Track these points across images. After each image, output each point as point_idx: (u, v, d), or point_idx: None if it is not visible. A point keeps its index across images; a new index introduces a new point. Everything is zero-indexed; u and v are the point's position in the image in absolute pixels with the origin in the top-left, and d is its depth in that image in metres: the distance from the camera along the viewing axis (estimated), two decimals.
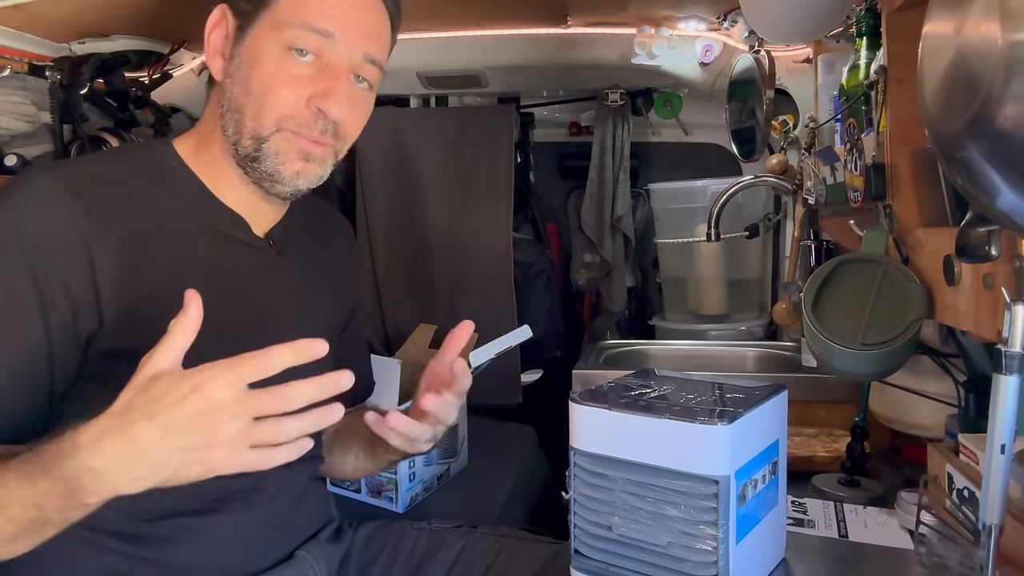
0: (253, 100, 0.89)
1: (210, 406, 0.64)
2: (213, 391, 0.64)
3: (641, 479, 0.80)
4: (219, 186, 0.95)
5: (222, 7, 0.92)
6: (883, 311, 1.02)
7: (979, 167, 0.62)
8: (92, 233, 0.82)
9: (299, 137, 0.89)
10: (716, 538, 0.76)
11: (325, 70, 0.89)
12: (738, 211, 2.11)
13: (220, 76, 0.92)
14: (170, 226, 0.89)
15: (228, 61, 0.91)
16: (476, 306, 2.29)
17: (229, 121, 0.91)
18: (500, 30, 1.93)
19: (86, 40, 1.57)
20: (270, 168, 0.90)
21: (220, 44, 0.92)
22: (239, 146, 0.91)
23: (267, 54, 0.88)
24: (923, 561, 0.91)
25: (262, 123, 0.89)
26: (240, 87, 0.89)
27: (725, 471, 0.76)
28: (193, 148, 0.95)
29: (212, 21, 0.92)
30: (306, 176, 0.92)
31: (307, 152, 0.90)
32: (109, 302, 0.83)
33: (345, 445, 1.16)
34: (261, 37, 0.89)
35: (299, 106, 0.88)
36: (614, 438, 0.81)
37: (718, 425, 0.76)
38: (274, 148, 0.89)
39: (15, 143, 1.50)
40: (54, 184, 0.83)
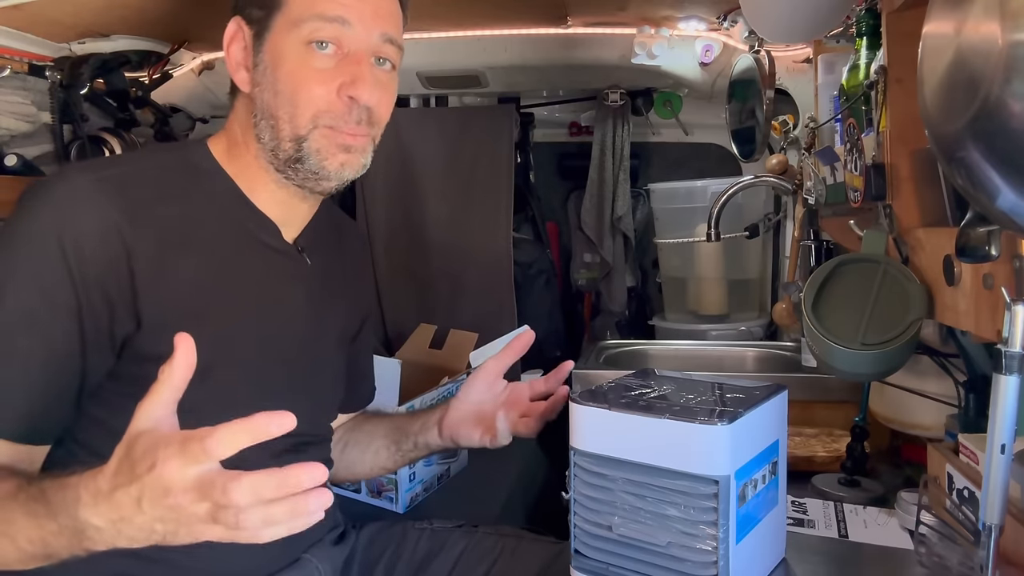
0: (285, 101, 0.89)
1: (169, 487, 0.60)
2: (169, 472, 0.60)
3: (641, 479, 0.80)
4: (254, 189, 0.94)
5: (236, 20, 0.92)
6: (883, 311, 1.02)
7: (979, 167, 0.62)
8: (131, 237, 0.82)
9: (336, 132, 0.89)
10: (716, 538, 0.76)
11: (347, 58, 0.89)
12: (738, 211, 2.11)
13: (247, 87, 0.92)
14: (205, 231, 0.89)
15: (252, 71, 0.91)
16: (476, 306, 2.29)
17: (264, 129, 0.90)
18: (500, 30, 1.92)
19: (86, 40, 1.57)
20: (314, 166, 0.90)
21: (241, 56, 0.92)
22: (279, 151, 0.90)
23: (288, 52, 0.88)
24: (923, 561, 0.91)
25: (299, 122, 0.89)
26: (269, 92, 0.89)
27: (725, 471, 0.76)
28: (226, 151, 0.95)
29: (228, 35, 0.92)
30: (351, 166, 0.92)
31: (347, 144, 0.91)
32: (147, 305, 0.83)
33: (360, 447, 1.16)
34: (280, 38, 0.89)
35: (331, 99, 0.88)
36: (614, 438, 0.81)
37: (718, 425, 0.75)
38: (315, 145, 0.89)
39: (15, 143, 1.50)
40: (95, 186, 0.82)
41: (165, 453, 0.61)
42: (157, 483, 0.61)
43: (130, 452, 0.63)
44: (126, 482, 0.62)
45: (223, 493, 0.59)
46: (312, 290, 1.00)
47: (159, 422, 0.65)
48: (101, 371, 0.83)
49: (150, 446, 0.62)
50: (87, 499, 0.65)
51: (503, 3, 1.68)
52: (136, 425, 0.64)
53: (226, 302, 0.89)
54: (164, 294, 0.84)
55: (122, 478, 0.63)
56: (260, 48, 0.90)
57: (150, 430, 0.64)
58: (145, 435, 0.63)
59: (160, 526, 0.63)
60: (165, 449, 0.61)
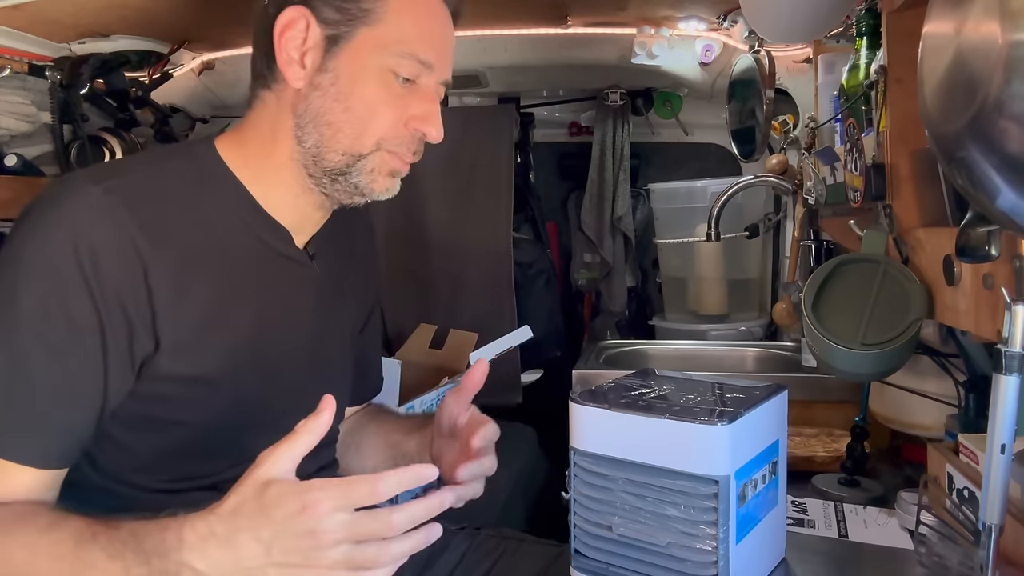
0: (354, 118, 0.87)
1: (316, 529, 0.63)
2: (322, 514, 0.63)
3: (641, 479, 0.80)
4: (269, 193, 0.92)
5: (299, 9, 0.86)
6: (883, 311, 1.02)
7: (979, 167, 0.62)
8: (147, 251, 0.79)
9: (394, 156, 0.90)
10: (716, 538, 0.76)
11: (418, 92, 0.90)
12: (738, 211, 2.11)
13: (300, 84, 0.87)
14: (218, 241, 0.87)
15: (315, 72, 0.87)
16: (476, 306, 2.29)
17: (311, 133, 0.88)
18: (500, 30, 1.92)
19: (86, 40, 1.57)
20: (360, 183, 0.90)
21: (297, 50, 0.87)
22: (322, 159, 0.88)
23: (370, 75, 0.87)
24: (923, 561, 0.91)
25: (363, 142, 0.88)
26: (336, 103, 0.87)
27: (725, 471, 0.76)
28: (239, 153, 0.92)
29: (285, 21, 0.86)
30: (393, 189, 0.93)
31: (396, 170, 0.92)
32: (165, 325, 0.81)
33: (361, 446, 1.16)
34: (363, 55, 0.86)
35: (399, 127, 0.89)
36: (614, 438, 0.81)
37: (718, 425, 0.76)
38: (370, 166, 0.89)
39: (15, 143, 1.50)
40: (106, 198, 0.79)
41: (320, 495, 0.63)
42: (303, 525, 0.62)
43: (260, 496, 0.64)
44: (254, 525, 0.64)
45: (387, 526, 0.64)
46: (321, 295, 1.00)
47: (285, 473, 0.66)
48: (123, 391, 0.81)
49: (291, 490, 0.64)
50: (193, 541, 0.65)
51: (503, 3, 1.68)
52: (264, 472, 0.66)
53: (239, 313, 0.88)
54: (181, 312, 0.82)
55: (245, 521, 0.64)
56: (334, 55, 0.87)
57: (278, 478, 0.65)
58: (279, 482, 0.65)
59: (274, 571, 0.64)
60: (320, 491, 0.63)
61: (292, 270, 0.95)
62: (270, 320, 0.91)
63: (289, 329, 0.94)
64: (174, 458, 0.85)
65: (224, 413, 0.87)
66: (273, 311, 0.92)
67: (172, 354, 0.81)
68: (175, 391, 0.83)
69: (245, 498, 0.65)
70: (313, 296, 0.98)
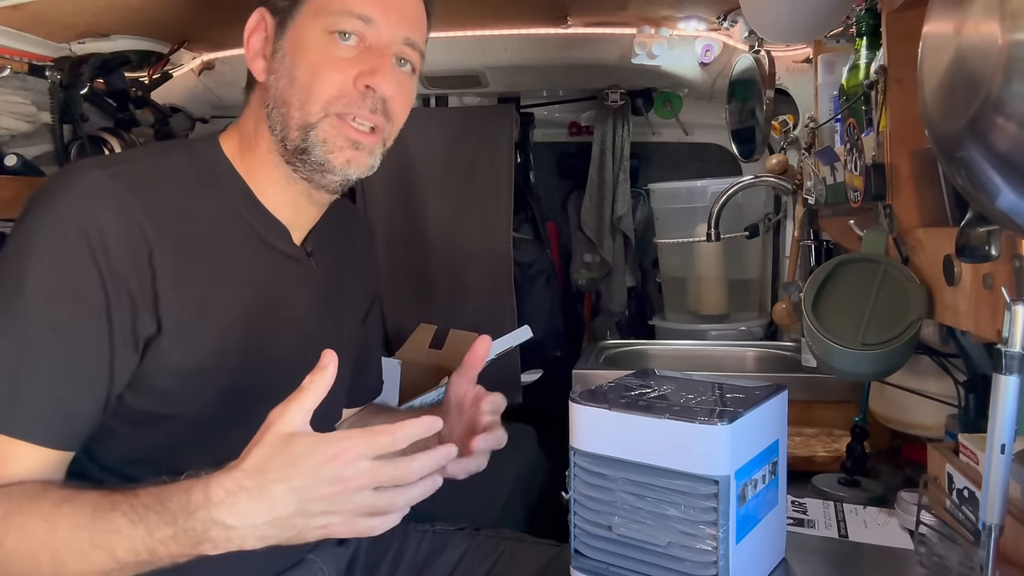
0: (299, 88, 0.88)
1: (344, 475, 0.67)
2: (351, 461, 0.67)
3: (641, 479, 0.80)
4: (264, 189, 0.93)
5: (260, 11, 0.92)
6: (883, 311, 1.02)
7: (979, 167, 0.62)
8: (152, 235, 0.80)
9: (345, 123, 0.88)
10: (716, 538, 0.76)
11: (369, 50, 0.89)
12: (738, 211, 2.11)
13: (263, 76, 0.91)
14: (217, 234, 0.88)
15: (270, 59, 0.91)
16: (476, 306, 2.29)
17: (276, 118, 0.90)
18: (500, 30, 1.92)
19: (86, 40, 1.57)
20: (319, 157, 0.89)
21: (260, 45, 0.92)
22: (287, 141, 0.89)
23: (310, 41, 0.88)
24: (923, 561, 0.91)
25: (309, 109, 0.88)
26: (285, 79, 0.89)
27: (725, 471, 0.76)
28: (237, 149, 0.94)
29: (251, 25, 0.92)
30: (357, 164, 0.91)
31: (355, 140, 0.90)
32: (166, 309, 0.81)
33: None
34: (303, 26, 0.89)
35: (346, 86, 0.88)
36: (614, 438, 0.81)
37: (718, 425, 0.76)
38: (322, 135, 0.88)
39: (15, 143, 1.50)
40: (112, 183, 0.80)
41: (348, 444, 0.67)
42: (333, 471, 0.66)
43: (286, 449, 0.67)
44: (284, 477, 0.66)
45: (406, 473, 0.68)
46: (319, 293, 1.00)
47: (302, 426, 0.69)
48: (127, 372, 0.81)
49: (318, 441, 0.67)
50: (222, 496, 0.67)
51: (503, 3, 1.68)
52: (282, 427, 0.68)
53: (236, 306, 0.88)
54: (181, 299, 0.83)
55: (276, 474, 0.66)
56: (281, 36, 0.90)
57: (299, 432, 0.69)
58: (302, 434, 0.68)
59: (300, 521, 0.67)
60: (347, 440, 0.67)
61: (290, 267, 0.96)
62: (267, 316, 0.92)
63: (286, 325, 0.94)
64: (170, 451, 0.85)
65: (220, 406, 0.87)
66: (270, 307, 0.92)
67: (172, 338, 0.82)
68: (172, 383, 0.83)
69: (269, 453, 0.67)
70: (310, 293, 0.99)
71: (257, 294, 0.91)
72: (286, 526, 0.68)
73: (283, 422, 0.69)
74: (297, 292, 0.97)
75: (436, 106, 2.44)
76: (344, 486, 0.67)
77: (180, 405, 0.85)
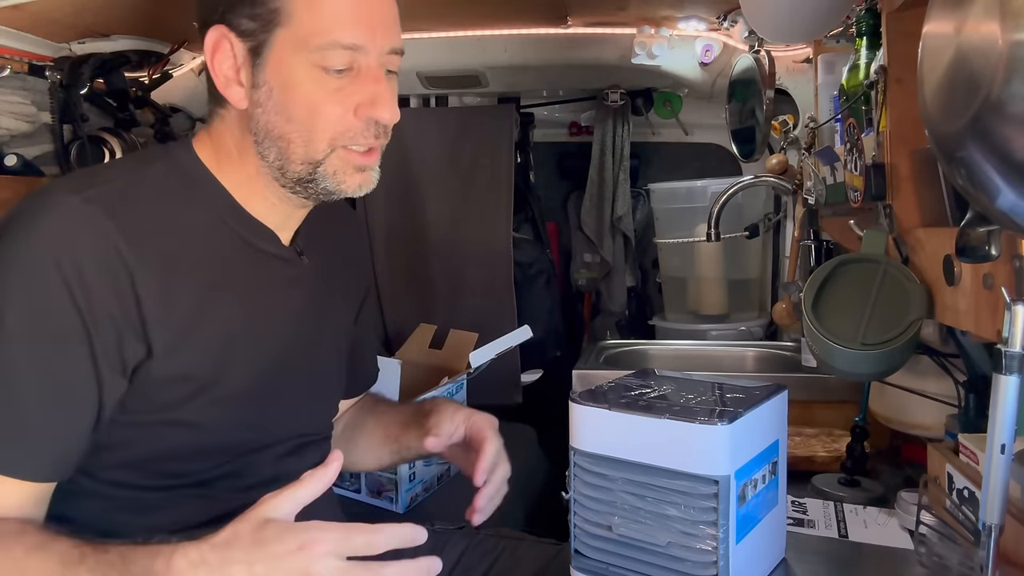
0: (300, 127, 0.85)
1: (310, 569, 0.65)
2: (318, 555, 0.65)
3: (641, 479, 0.80)
4: (248, 199, 0.91)
5: (219, 29, 0.84)
6: (883, 311, 1.02)
7: (979, 167, 0.62)
8: (132, 258, 0.78)
9: (351, 152, 0.87)
10: (716, 538, 0.76)
11: (361, 75, 0.85)
12: (738, 211, 2.11)
13: (244, 104, 0.86)
14: (203, 244, 0.87)
15: (252, 89, 0.85)
16: (476, 306, 2.29)
17: (269, 149, 0.86)
18: (500, 30, 1.93)
19: (86, 40, 1.57)
20: (330, 187, 0.88)
21: (231, 70, 0.85)
22: (287, 171, 0.87)
23: (299, 77, 0.83)
24: (923, 561, 0.91)
25: (315, 147, 0.85)
26: (279, 116, 0.85)
27: (725, 471, 0.76)
28: (214, 158, 0.91)
29: (210, 44, 0.85)
30: (367, 183, 0.90)
31: (362, 165, 0.88)
32: (156, 330, 0.80)
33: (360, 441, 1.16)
34: (286, 60, 0.83)
35: (348, 119, 0.85)
36: (614, 438, 0.81)
37: (718, 425, 0.76)
38: (331, 169, 0.86)
39: (15, 143, 1.50)
40: (86, 208, 0.78)
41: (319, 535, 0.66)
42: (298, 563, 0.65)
43: (258, 532, 0.67)
44: (248, 558, 0.66)
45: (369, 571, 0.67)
46: (311, 291, 1.00)
47: (288, 516, 0.69)
48: (116, 397, 0.81)
49: (289, 528, 0.67)
50: (183, 567, 0.67)
51: (503, 3, 1.68)
52: (264, 512, 0.68)
53: (228, 314, 0.88)
54: (171, 317, 0.81)
55: (239, 553, 0.66)
56: (260, 66, 0.84)
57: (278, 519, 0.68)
58: (278, 521, 0.68)
59: None
60: (318, 532, 0.66)
61: (281, 269, 0.95)
62: (260, 319, 0.91)
63: (280, 327, 0.94)
64: (165, 457, 0.85)
65: (215, 412, 0.86)
66: (263, 310, 0.92)
67: (163, 358, 0.81)
68: (166, 394, 0.83)
69: (241, 532, 0.67)
70: (304, 293, 0.98)
71: (250, 299, 0.90)
72: None
73: (269, 507, 0.69)
74: (291, 292, 0.96)
75: (436, 106, 2.44)
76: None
77: (177, 413, 0.84)
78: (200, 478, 0.87)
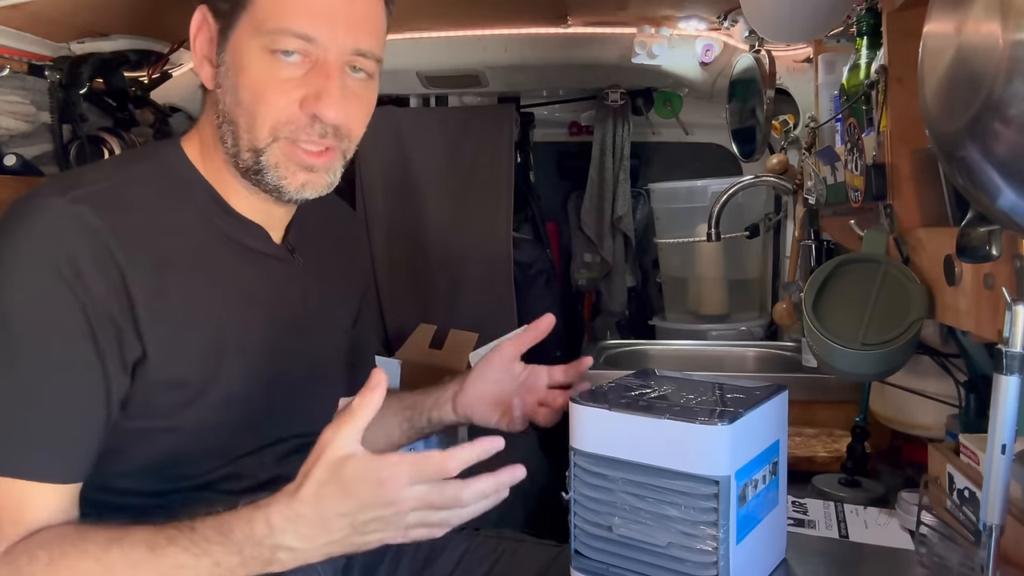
0: (244, 111, 0.83)
1: (395, 499, 0.70)
2: (400, 487, 0.70)
3: (641, 479, 0.80)
4: (230, 194, 0.90)
5: (202, 8, 0.86)
6: (883, 311, 1.02)
7: (980, 167, 0.62)
8: (122, 257, 0.78)
9: (296, 147, 0.84)
10: (716, 538, 0.76)
11: (315, 68, 0.83)
12: (738, 211, 2.10)
13: (211, 84, 0.86)
14: (193, 244, 0.86)
15: (216, 68, 0.86)
16: (476, 306, 2.29)
17: (226, 133, 0.86)
18: (500, 30, 1.92)
19: (86, 40, 1.57)
20: (273, 180, 0.86)
21: (206, 49, 0.86)
22: (239, 159, 0.86)
23: (250, 59, 0.82)
24: (923, 561, 0.91)
25: (257, 134, 0.84)
26: (231, 97, 0.84)
27: (725, 471, 0.76)
28: (199, 153, 0.90)
29: (195, 24, 0.86)
30: (313, 186, 0.87)
31: (308, 164, 0.85)
32: (149, 330, 0.80)
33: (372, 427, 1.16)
34: (242, 41, 0.83)
35: (292, 110, 0.83)
36: (614, 438, 0.81)
37: (718, 425, 0.75)
38: (273, 160, 0.84)
39: (15, 143, 1.50)
40: (74, 208, 0.78)
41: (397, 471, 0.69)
42: (383, 496, 0.70)
43: (339, 473, 0.70)
44: (338, 503, 0.70)
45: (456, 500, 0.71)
46: (307, 289, 0.99)
47: (354, 447, 0.71)
48: (121, 394, 0.81)
49: (368, 467, 0.70)
50: (284, 524, 0.71)
51: (503, 3, 1.68)
52: (335, 451, 0.71)
53: (224, 315, 0.87)
54: (164, 318, 0.81)
55: (331, 501, 0.70)
56: (224, 46, 0.85)
57: (352, 454, 0.71)
58: (354, 459, 0.70)
59: (358, 538, 0.72)
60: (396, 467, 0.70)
61: (274, 267, 0.94)
62: (254, 320, 0.90)
63: (275, 327, 0.93)
64: (165, 462, 0.85)
65: (213, 415, 0.86)
66: (257, 309, 0.91)
67: (158, 361, 0.81)
68: (163, 397, 0.83)
69: (324, 478, 0.70)
70: (298, 291, 0.97)
71: (242, 300, 0.89)
72: (345, 544, 0.72)
73: (336, 444, 0.71)
74: (286, 290, 0.95)
75: (436, 106, 2.44)
76: (395, 508, 0.70)
77: (175, 417, 0.84)
78: (200, 481, 0.87)
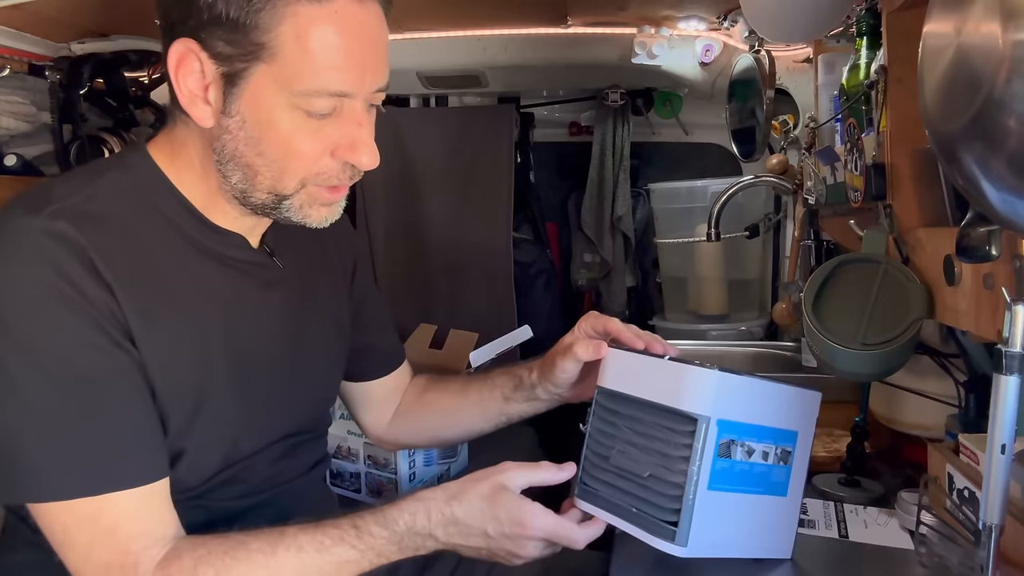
0: (271, 163, 0.81)
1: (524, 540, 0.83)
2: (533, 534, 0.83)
3: (640, 415, 0.85)
4: (208, 207, 0.88)
5: (187, 43, 0.78)
6: (883, 311, 1.02)
7: (980, 167, 0.62)
8: (108, 275, 0.77)
9: (320, 189, 0.84)
10: (686, 474, 0.80)
11: (343, 116, 0.81)
12: (738, 211, 2.10)
13: (210, 124, 0.81)
14: (171, 259, 0.84)
15: (222, 114, 0.80)
16: (476, 306, 2.29)
17: (233, 171, 0.83)
18: (500, 30, 1.93)
19: (86, 40, 1.57)
20: (294, 218, 0.85)
21: (197, 88, 0.80)
22: (249, 196, 0.84)
23: (278, 116, 0.79)
24: (923, 561, 0.91)
25: (285, 184, 0.82)
26: (249, 148, 0.81)
27: (706, 412, 0.80)
28: (172, 165, 0.87)
29: (175, 57, 0.79)
30: (332, 216, 0.88)
31: (331, 200, 0.86)
32: (142, 344, 0.80)
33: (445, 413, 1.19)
34: (265, 96, 0.78)
35: (324, 160, 0.82)
36: (630, 379, 0.88)
37: (707, 369, 0.82)
38: (298, 203, 0.84)
39: (15, 143, 1.50)
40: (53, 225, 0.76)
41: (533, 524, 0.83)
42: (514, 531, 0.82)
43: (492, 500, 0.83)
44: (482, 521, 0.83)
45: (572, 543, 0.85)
46: (290, 290, 0.97)
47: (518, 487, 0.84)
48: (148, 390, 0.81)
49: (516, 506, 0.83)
50: (440, 520, 0.83)
51: (503, 3, 1.68)
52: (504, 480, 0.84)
53: (205, 327, 0.86)
54: (149, 335, 0.80)
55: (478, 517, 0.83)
56: (234, 96, 0.79)
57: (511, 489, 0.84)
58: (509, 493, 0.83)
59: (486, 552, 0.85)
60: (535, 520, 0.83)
61: (255, 273, 0.93)
62: (238, 328, 0.89)
63: (261, 333, 0.92)
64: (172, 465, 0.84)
65: (207, 430, 0.86)
66: (240, 319, 0.90)
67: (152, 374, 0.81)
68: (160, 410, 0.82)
69: (483, 495, 0.83)
70: (281, 294, 0.96)
71: (225, 310, 0.88)
72: (469, 550, 0.85)
73: (507, 476, 0.84)
74: (269, 294, 0.94)
75: (436, 106, 2.44)
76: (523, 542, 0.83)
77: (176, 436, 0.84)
78: (196, 492, 0.87)
